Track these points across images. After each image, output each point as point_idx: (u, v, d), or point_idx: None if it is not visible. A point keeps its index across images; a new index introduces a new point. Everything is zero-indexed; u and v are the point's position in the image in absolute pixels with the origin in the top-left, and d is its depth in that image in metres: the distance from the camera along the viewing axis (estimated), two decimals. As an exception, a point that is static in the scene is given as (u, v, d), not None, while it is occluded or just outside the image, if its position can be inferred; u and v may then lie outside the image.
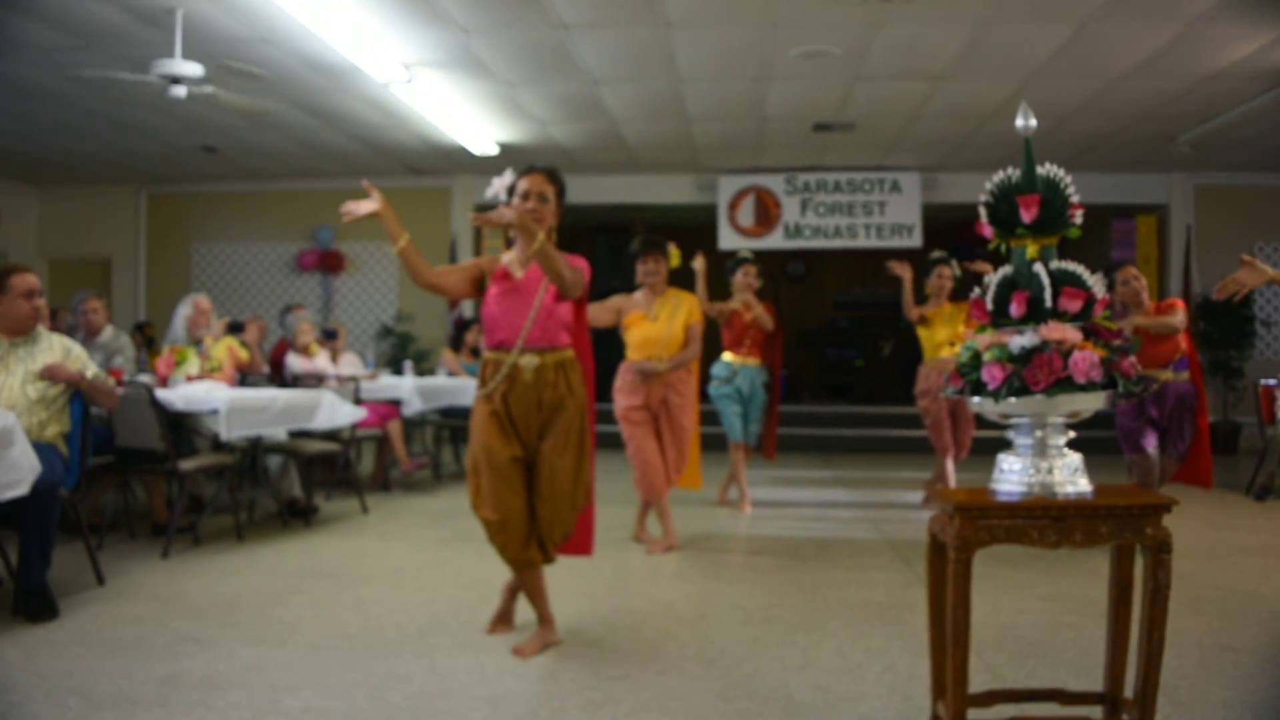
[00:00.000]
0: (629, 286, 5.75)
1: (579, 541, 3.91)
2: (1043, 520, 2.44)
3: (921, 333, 6.80)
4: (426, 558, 5.29)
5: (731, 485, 7.17)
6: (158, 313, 12.26)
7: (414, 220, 12.36)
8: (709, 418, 8.04)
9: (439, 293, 3.61)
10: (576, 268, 3.61)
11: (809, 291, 16.49)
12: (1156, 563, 2.42)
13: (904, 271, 6.71)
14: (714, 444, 9.93)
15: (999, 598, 4.39)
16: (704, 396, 6.45)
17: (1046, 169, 2.64)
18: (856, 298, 16.00)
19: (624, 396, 5.58)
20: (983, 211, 2.70)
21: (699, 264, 6.53)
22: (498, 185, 3.72)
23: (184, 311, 6.57)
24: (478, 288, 3.71)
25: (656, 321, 5.55)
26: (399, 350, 11.93)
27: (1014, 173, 2.65)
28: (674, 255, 5.67)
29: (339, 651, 3.61)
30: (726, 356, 6.85)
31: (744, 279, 6.82)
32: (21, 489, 3.84)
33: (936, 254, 6.86)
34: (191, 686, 3.22)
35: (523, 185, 3.65)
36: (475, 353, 9.00)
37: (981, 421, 6.66)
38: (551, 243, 3.67)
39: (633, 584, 4.77)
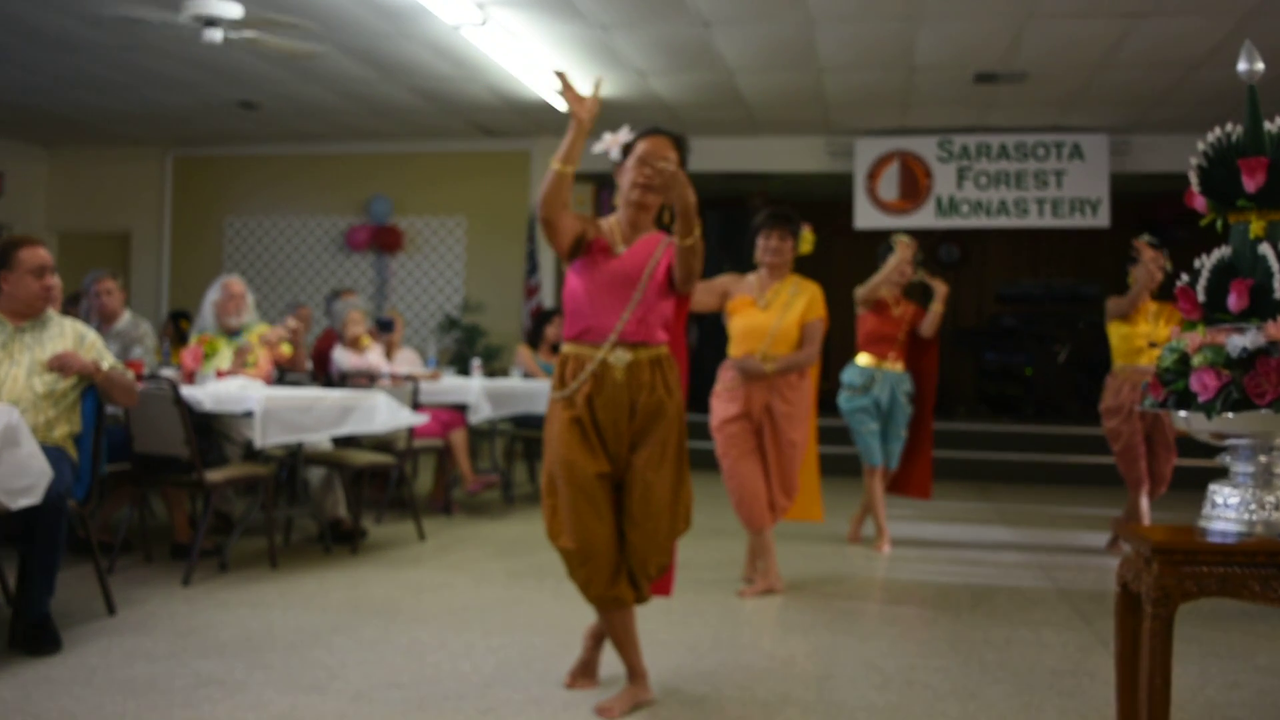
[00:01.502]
0: (743, 270, 5.71)
1: (660, 580, 3.89)
2: (1268, 569, 2.35)
3: (1115, 333, 6.61)
4: (495, 595, 5.33)
5: (867, 518, 7.08)
6: (183, 297, 12.64)
7: (488, 189, 12.57)
8: (831, 435, 7.96)
9: (552, 231, 3.59)
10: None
11: (966, 282, 16.26)
12: None
13: (1154, 259, 6.47)
14: (843, 467, 9.85)
15: (1206, 667, 4.25)
16: (823, 408, 6.37)
17: (1278, 125, 2.54)
18: (1026, 290, 15.72)
19: (721, 404, 5.53)
20: (1194, 178, 2.62)
21: (906, 245, 6.56)
22: (610, 140, 3.75)
23: (212, 296, 6.73)
24: (575, 248, 3.71)
25: (767, 310, 5.48)
26: (465, 346, 12.09)
27: (1235, 130, 2.56)
28: (807, 239, 5.60)
29: (388, 703, 3.65)
30: (862, 360, 6.76)
31: (899, 267, 6.76)
32: (33, 497, 3.97)
33: (1148, 238, 6.64)
34: (215, 739, 3.29)
35: (642, 148, 3.67)
36: (556, 350, 9.06)
37: (1186, 447, 6.46)
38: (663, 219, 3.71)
39: (743, 634, 4.74)
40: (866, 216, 11.84)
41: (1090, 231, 12.14)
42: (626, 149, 3.74)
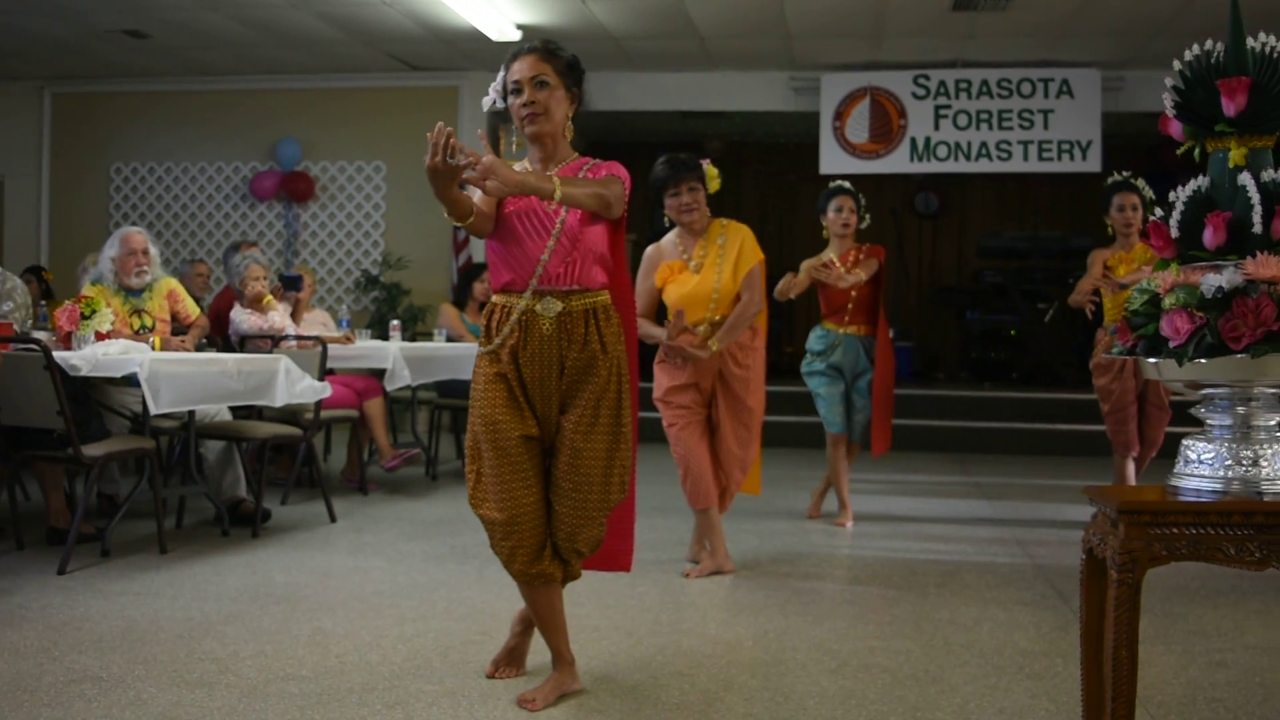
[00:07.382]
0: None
1: (613, 552, 3.91)
2: (1243, 530, 2.38)
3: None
4: (411, 580, 5.33)
5: (829, 493, 7.14)
6: (65, 252, 12.45)
7: (411, 131, 12.37)
8: (792, 403, 8.00)
9: (479, 233, 3.61)
10: (614, 178, 3.59)
11: (944, 234, 16.34)
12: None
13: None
14: (804, 437, 9.91)
15: (1191, 645, 4.32)
16: (777, 374, 6.40)
17: (1262, 42, 2.55)
18: (1010, 242, 15.83)
19: (666, 372, 5.55)
20: (1169, 101, 2.63)
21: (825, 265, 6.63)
22: (494, 92, 3.70)
23: (110, 251, 6.62)
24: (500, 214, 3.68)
25: (701, 272, 5.48)
26: (386, 307, 12.02)
27: (1216, 48, 2.57)
28: (712, 176, 5.56)
29: (284, 698, 3.64)
30: (824, 324, 6.85)
31: (838, 217, 6.80)
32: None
33: (1118, 177, 6.75)
34: (86, 738, 3.27)
35: (512, 74, 3.61)
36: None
37: (1182, 411, 6.54)
38: (568, 137, 3.68)
39: (686, 618, 4.76)
40: (834, 161, 11.85)
41: (1082, 177, 12.21)
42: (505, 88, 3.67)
